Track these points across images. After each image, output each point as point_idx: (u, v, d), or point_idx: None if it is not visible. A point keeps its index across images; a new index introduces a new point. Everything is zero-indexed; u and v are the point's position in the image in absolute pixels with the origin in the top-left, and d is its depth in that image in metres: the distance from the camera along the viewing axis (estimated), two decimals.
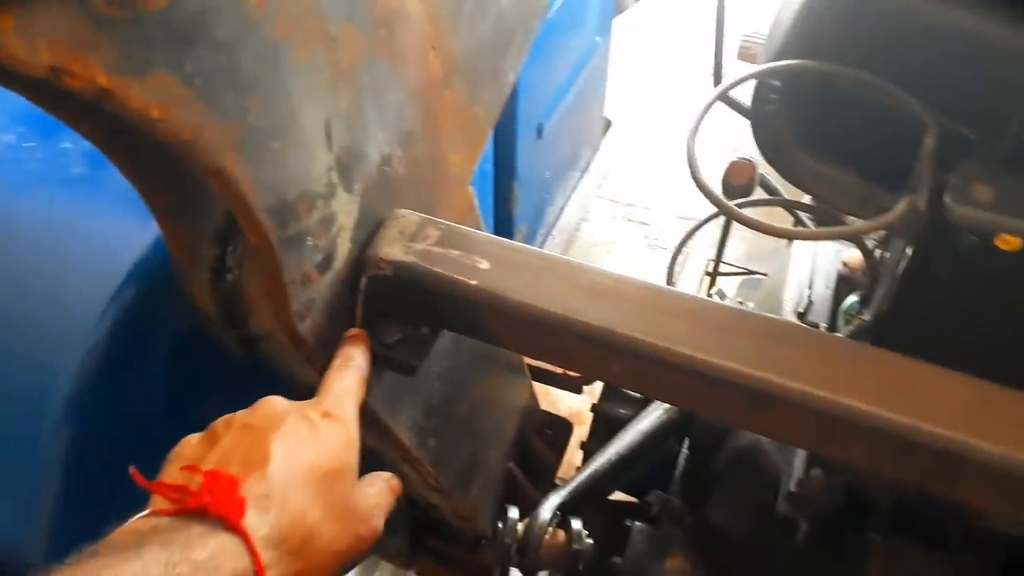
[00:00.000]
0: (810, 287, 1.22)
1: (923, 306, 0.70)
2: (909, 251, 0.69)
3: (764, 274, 1.65)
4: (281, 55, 0.55)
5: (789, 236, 0.71)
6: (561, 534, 1.11)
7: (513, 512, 1.12)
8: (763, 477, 1.09)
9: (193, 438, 0.56)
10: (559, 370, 1.68)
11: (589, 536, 1.13)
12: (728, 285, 1.76)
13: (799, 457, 1.02)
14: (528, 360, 1.69)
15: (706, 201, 1.12)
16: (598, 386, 1.64)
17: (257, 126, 0.53)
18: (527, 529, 1.09)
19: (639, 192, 2.12)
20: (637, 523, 1.35)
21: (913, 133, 0.67)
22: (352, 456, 0.58)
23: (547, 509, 1.13)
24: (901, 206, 0.63)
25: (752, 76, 0.73)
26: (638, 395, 1.45)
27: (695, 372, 0.60)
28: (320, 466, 0.54)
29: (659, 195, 2.11)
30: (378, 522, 0.59)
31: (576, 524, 1.13)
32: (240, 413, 0.57)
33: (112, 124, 0.47)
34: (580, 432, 1.53)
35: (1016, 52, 0.65)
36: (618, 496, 1.40)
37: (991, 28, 0.65)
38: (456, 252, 0.67)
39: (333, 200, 0.64)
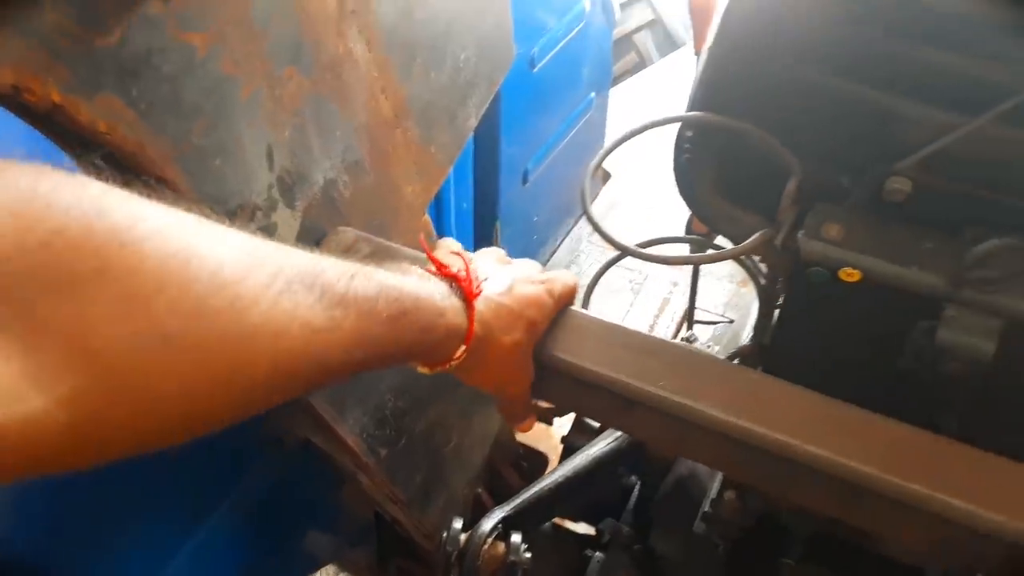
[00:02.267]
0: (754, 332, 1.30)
1: (792, 332, 0.78)
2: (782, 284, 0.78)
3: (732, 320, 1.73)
4: (226, 89, 0.66)
5: (660, 262, 0.80)
6: (500, 546, 1.18)
7: (457, 523, 1.20)
8: (694, 502, 1.16)
9: (452, 248, 0.73)
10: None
11: (528, 550, 1.19)
12: (705, 331, 1.83)
13: (716, 480, 1.09)
14: None
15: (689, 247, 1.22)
16: (569, 418, 1.71)
17: (200, 145, 0.65)
18: (468, 539, 1.16)
19: (628, 240, 2.22)
20: (597, 553, 1.41)
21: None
22: (546, 318, 0.72)
23: (489, 521, 1.20)
24: (755, 237, 0.72)
25: (650, 126, 0.83)
26: (604, 427, 1.52)
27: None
28: (534, 319, 0.70)
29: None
30: (526, 384, 0.74)
31: (516, 537, 1.19)
32: (485, 250, 0.76)
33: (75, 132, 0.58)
34: None
35: (879, 114, 0.75)
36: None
37: (860, 91, 0.75)
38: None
39: (273, 213, 0.75)
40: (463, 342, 0.65)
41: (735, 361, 0.89)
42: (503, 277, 0.70)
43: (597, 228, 0.77)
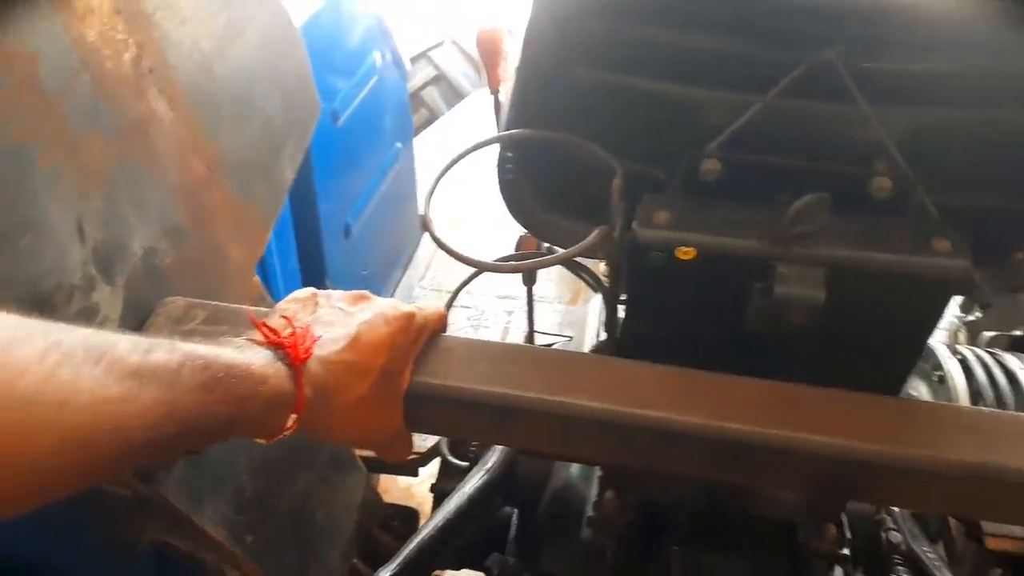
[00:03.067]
0: (597, 338, 1.35)
1: (642, 318, 0.82)
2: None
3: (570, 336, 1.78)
4: (23, 160, 0.60)
5: (490, 269, 0.81)
6: None
7: None
8: (575, 512, 1.17)
9: (299, 297, 0.70)
10: None
11: None
12: None
13: (594, 484, 1.11)
14: (360, 451, 1.73)
15: (518, 279, 1.25)
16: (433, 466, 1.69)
17: (2, 223, 0.58)
18: None
19: (459, 279, 2.28)
20: None
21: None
22: (406, 360, 0.69)
23: None
24: (593, 235, 0.76)
25: (473, 148, 0.85)
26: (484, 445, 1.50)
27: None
28: (382, 362, 0.66)
29: (478, 280, 2.27)
30: (390, 431, 0.70)
31: None
32: (340, 292, 0.71)
33: None
34: None
35: (678, 105, 0.80)
36: None
37: (657, 86, 0.80)
38: (223, 327, 0.73)
39: (93, 292, 0.68)
40: (293, 409, 0.62)
41: None
42: (345, 329, 0.67)
43: (445, 248, 0.77)
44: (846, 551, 1.06)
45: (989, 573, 1.86)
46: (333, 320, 0.68)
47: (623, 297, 0.90)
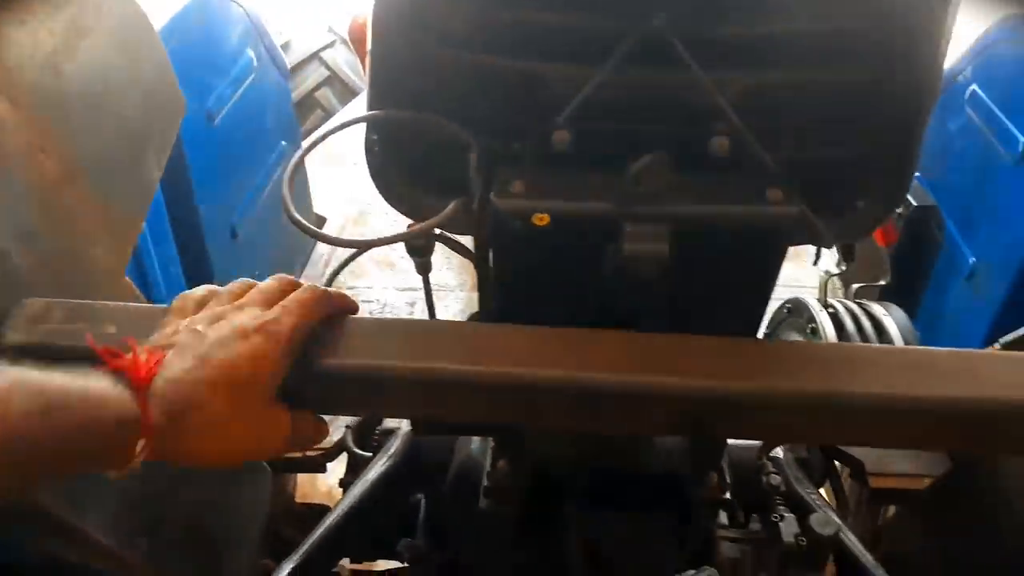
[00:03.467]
0: None
1: (509, 285, 0.85)
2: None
3: None
4: None
5: (357, 246, 0.83)
6: None
7: None
8: (475, 487, 1.20)
9: (181, 305, 0.70)
10: (299, 454, 1.71)
11: None
12: None
13: (487, 455, 1.14)
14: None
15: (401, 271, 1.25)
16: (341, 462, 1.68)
17: None
18: None
19: (359, 274, 2.28)
20: None
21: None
22: (266, 368, 0.66)
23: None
24: (450, 207, 0.78)
25: (333, 131, 0.86)
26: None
27: None
28: (245, 378, 0.64)
29: (378, 274, 2.27)
30: (278, 438, 0.68)
31: None
32: (199, 316, 0.68)
33: None
34: None
35: (528, 79, 0.83)
36: None
37: (504, 62, 0.83)
38: (82, 324, 0.72)
39: None
40: (141, 434, 0.59)
41: None
42: (198, 345, 0.64)
43: (301, 225, 0.78)
44: (728, 496, 1.12)
45: (879, 511, 1.99)
46: (189, 342, 0.65)
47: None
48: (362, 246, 0.82)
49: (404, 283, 2.17)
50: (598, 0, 0.77)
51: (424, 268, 1.27)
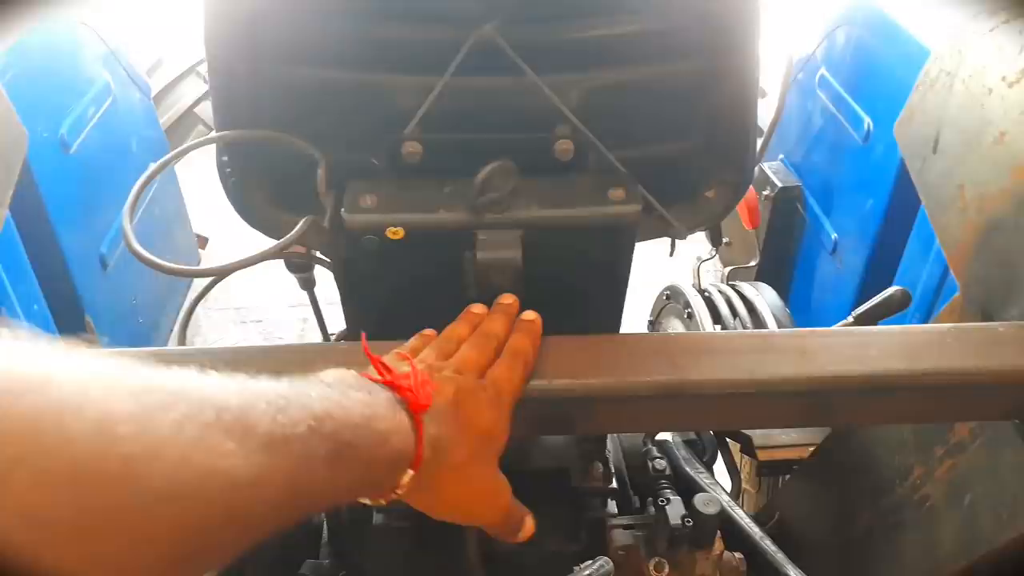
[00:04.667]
0: None
1: (367, 301, 0.85)
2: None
3: None
4: None
5: (204, 274, 0.82)
6: None
7: None
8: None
9: (426, 342, 0.70)
10: None
11: None
12: None
13: None
14: None
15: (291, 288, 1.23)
16: None
17: None
18: None
19: (247, 294, 2.22)
20: None
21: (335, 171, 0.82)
22: (502, 426, 0.65)
23: None
24: (299, 226, 0.78)
25: (181, 153, 0.84)
26: None
27: None
28: (488, 428, 0.62)
29: (267, 292, 2.22)
30: (504, 501, 0.68)
31: None
32: (434, 359, 0.67)
33: None
34: None
35: (374, 92, 0.83)
36: None
37: (349, 76, 0.83)
38: None
39: None
40: (410, 465, 0.55)
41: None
42: (447, 383, 0.62)
43: (143, 258, 0.76)
44: (614, 485, 1.15)
45: (772, 483, 2.07)
46: (442, 377, 0.63)
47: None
48: (208, 274, 0.80)
49: (293, 299, 2.12)
50: (433, 10, 0.77)
51: (307, 284, 1.25)
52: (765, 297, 1.52)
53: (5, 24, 0.82)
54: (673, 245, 1.00)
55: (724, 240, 2.20)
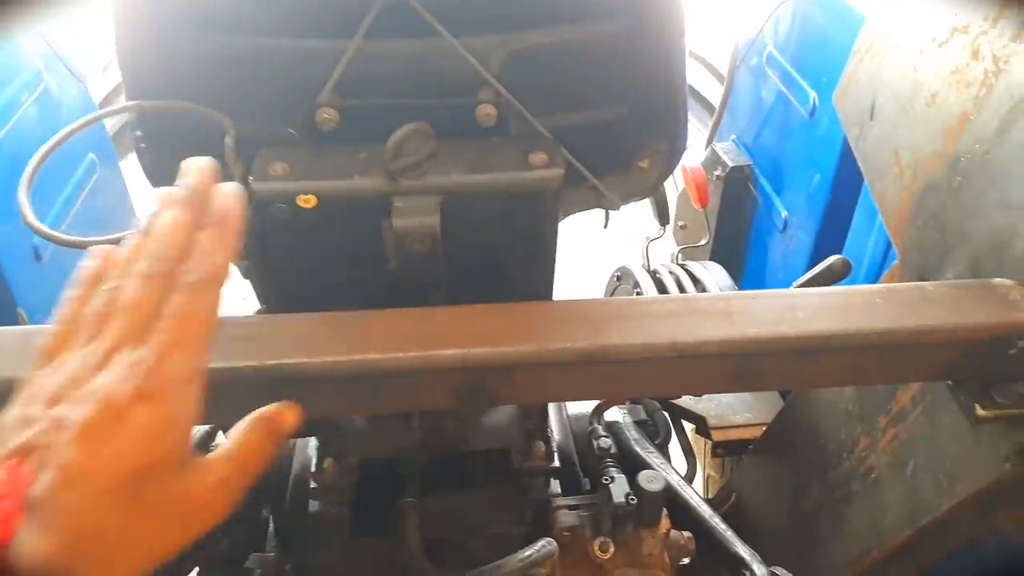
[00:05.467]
0: None
1: (286, 273, 0.82)
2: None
3: None
4: None
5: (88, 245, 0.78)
6: None
7: None
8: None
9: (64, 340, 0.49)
10: None
11: None
12: None
13: (312, 455, 1.11)
14: None
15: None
16: None
17: None
18: None
19: None
20: None
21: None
22: (171, 441, 0.47)
23: None
24: None
25: (84, 124, 0.81)
26: None
27: None
28: (143, 463, 0.45)
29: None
30: (216, 505, 0.49)
31: None
32: (55, 389, 0.47)
33: None
34: None
35: (286, 58, 0.80)
36: None
37: (261, 42, 0.80)
38: None
39: None
40: None
41: None
42: (63, 448, 0.44)
43: (43, 233, 0.73)
44: (556, 464, 1.13)
45: (729, 462, 2.07)
46: (53, 443, 0.44)
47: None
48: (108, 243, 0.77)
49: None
50: None
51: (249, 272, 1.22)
52: (714, 276, 1.51)
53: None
54: (607, 216, 0.98)
55: (680, 224, 2.19)
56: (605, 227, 0.98)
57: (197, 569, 1.49)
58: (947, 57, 0.91)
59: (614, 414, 1.45)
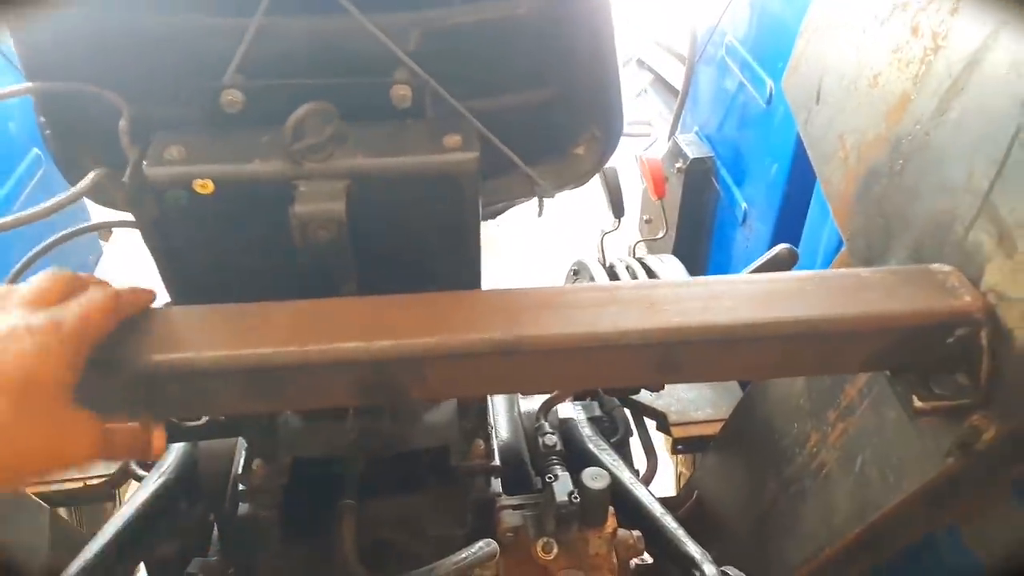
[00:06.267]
0: None
1: (183, 262, 0.77)
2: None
3: None
4: None
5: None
6: None
7: None
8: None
9: None
10: (79, 483, 1.57)
11: None
12: None
13: (240, 457, 1.07)
14: (40, 488, 1.56)
15: None
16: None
17: None
18: None
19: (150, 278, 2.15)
20: None
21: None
22: (50, 369, 0.57)
23: None
24: (87, 179, 0.70)
25: None
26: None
27: None
28: (29, 376, 0.55)
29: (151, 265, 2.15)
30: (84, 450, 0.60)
31: None
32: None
33: None
34: None
35: (187, 38, 0.76)
36: None
37: (160, 20, 0.75)
38: None
39: None
40: None
41: None
42: None
43: None
44: (497, 463, 1.09)
45: (691, 459, 2.04)
46: None
47: None
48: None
49: None
50: None
51: None
52: (669, 268, 1.47)
53: None
54: (541, 204, 0.94)
55: (644, 218, 2.16)
56: (539, 215, 0.94)
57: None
58: (889, 35, 0.88)
59: (568, 411, 1.41)
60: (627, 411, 1.62)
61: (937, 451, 0.80)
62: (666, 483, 2.23)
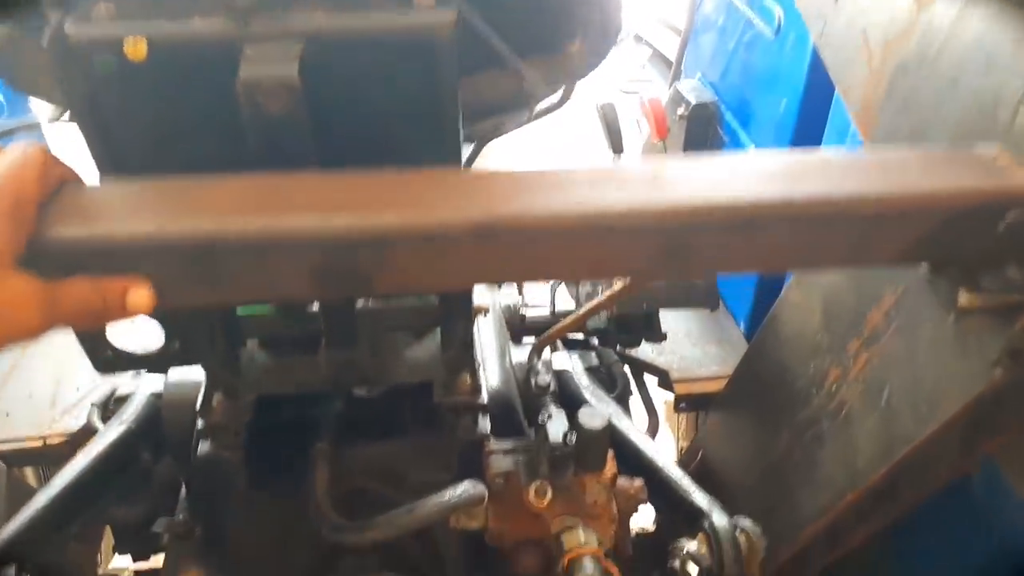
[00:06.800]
0: None
1: (120, 142, 0.67)
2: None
3: None
4: None
5: None
6: None
7: None
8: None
9: None
10: (39, 443, 1.48)
11: None
12: None
13: (200, 393, 0.97)
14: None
15: None
16: None
17: None
18: None
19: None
20: None
21: None
22: None
23: None
24: None
25: None
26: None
27: None
28: None
29: None
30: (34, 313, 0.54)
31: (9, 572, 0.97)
32: None
33: None
34: None
35: None
36: None
37: None
38: None
39: None
40: None
41: None
42: None
43: None
44: (484, 400, 1.00)
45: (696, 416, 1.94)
46: None
47: None
48: None
49: None
50: None
51: None
52: None
53: None
54: (532, 109, 0.85)
55: None
56: (529, 120, 0.85)
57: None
58: None
59: (564, 361, 1.32)
60: (627, 368, 1.52)
61: (981, 363, 0.70)
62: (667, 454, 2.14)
